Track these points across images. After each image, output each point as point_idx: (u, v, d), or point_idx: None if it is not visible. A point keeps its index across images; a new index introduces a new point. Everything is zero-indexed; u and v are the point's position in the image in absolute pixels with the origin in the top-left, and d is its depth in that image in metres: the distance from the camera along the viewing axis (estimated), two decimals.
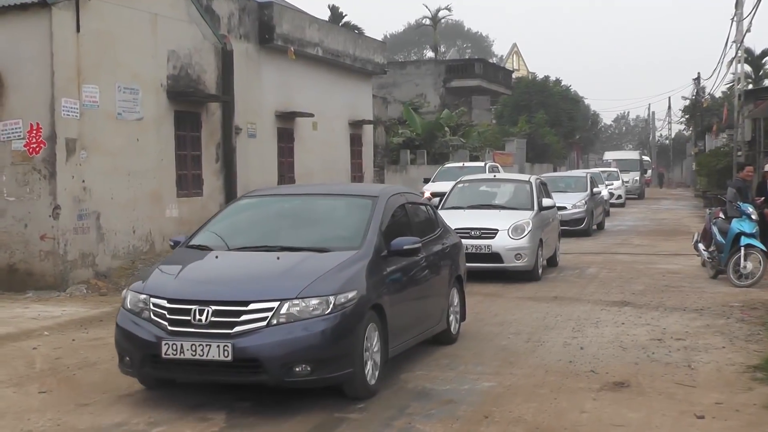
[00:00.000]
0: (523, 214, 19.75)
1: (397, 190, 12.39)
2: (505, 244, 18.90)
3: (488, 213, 20.05)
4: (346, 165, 32.81)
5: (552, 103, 75.55)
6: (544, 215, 20.54)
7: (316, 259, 9.86)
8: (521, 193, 21.08)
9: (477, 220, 19.50)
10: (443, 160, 42.68)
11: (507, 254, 18.86)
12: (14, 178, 17.82)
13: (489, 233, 19.05)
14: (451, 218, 18.53)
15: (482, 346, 12.46)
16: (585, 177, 34.46)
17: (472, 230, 18.99)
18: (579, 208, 30.86)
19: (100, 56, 18.77)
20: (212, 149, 23.03)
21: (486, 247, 18.90)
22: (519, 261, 18.90)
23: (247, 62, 25.35)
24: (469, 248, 18.10)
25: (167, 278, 9.72)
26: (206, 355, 8.77)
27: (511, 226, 19.09)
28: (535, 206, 20.28)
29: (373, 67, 34.75)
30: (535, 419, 8.85)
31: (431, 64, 65.69)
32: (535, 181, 21.58)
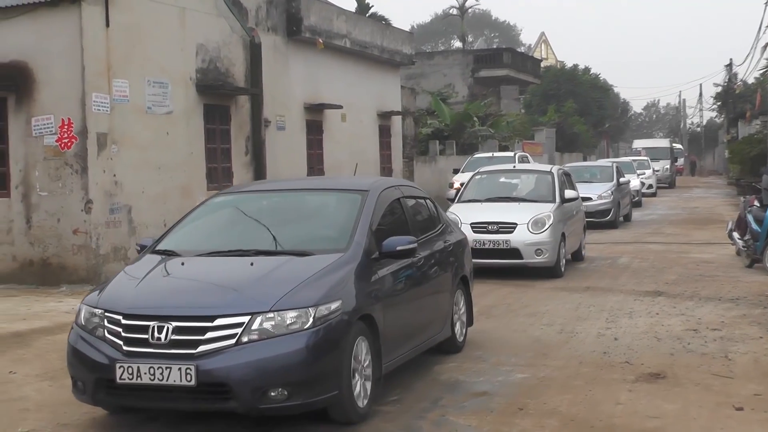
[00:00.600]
0: (544, 206, 18.79)
1: (391, 182, 11.06)
2: (525, 239, 18.00)
3: (507, 206, 19.21)
4: (375, 156, 32.77)
5: (581, 91, 75.27)
6: (567, 207, 19.56)
7: (295, 264, 8.65)
8: (542, 185, 20.08)
9: (495, 213, 18.69)
10: (472, 151, 42.60)
11: (526, 250, 17.96)
12: (47, 173, 17.91)
13: (507, 227, 18.17)
14: (467, 212, 18.76)
15: (515, 338, 12.41)
16: (611, 167, 33.16)
17: (489, 224, 18.25)
18: (605, 199, 29.76)
19: (130, 51, 18.82)
20: (241, 142, 23.06)
21: (504, 243, 18.05)
22: (539, 257, 17.96)
23: (275, 55, 25.35)
24: (486, 243, 17.95)
25: (125, 289, 8.50)
26: (166, 380, 7.59)
27: (530, 220, 18.18)
28: (557, 198, 19.28)
29: (401, 57, 34.66)
30: (570, 411, 8.80)
31: (459, 54, 65.53)
32: (558, 172, 20.56)
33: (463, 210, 18.91)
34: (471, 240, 16.38)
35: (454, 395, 9.48)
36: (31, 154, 18.06)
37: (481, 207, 19.20)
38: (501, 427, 8.30)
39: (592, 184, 30.24)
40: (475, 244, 17.13)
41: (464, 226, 17.55)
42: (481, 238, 17.97)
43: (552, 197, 19.33)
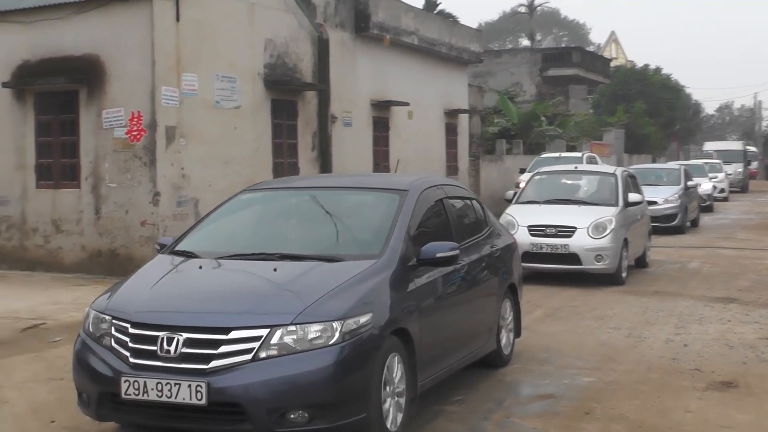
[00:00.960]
0: (606, 210, 17.99)
1: (433, 181, 10.05)
2: (584, 244, 17.28)
3: (567, 209, 18.34)
4: (441, 154, 32.68)
5: (651, 92, 74.47)
6: (630, 212, 18.72)
7: (322, 271, 7.87)
8: (605, 187, 19.17)
9: (554, 216, 17.95)
10: (539, 150, 42.31)
11: (586, 255, 17.25)
12: (116, 165, 18.07)
13: (566, 231, 17.47)
14: (525, 214, 18.21)
15: (582, 341, 12.28)
16: (679, 169, 31.90)
17: (547, 227, 17.61)
18: (671, 203, 28.80)
19: (199, 45, 18.92)
20: (308, 138, 23.09)
21: (562, 247, 17.38)
22: (599, 263, 17.24)
23: (342, 51, 25.34)
24: (544, 247, 17.43)
25: (136, 294, 7.82)
26: (175, 397, 6.91)
27: (591, 224, 17.43)
28: (620, 201, 18.39)
29: (468, 55, 34.51)
30: (638, 417, 8.68)
31: (527, 52, 65.25)
32: (622, 174, 19.55)
33: (521, 212, 18.44)
34: (528, 243, 17.19)
35: (520, 397, 9.43)
36: (101, 146, 18.24)
37: (540, 209, 18.46)
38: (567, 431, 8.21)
39: (659, 188, 29.36)
40: (531, 247, 17.29)
41: (521, 228, 17.51)
42: (538, 242, 17.51)
43: (614, 200, 18.50)
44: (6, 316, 13.67)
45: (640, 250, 19.86)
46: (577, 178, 20.35)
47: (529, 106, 49.20)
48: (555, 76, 60.85)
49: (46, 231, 18.93)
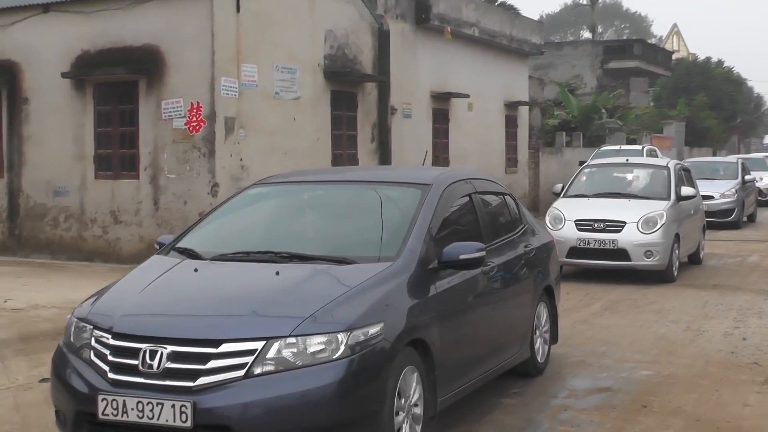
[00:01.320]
0: (657, 204, 17.31)
1: (461, 175, 9.23)
2: (634, 239, 16.64)
3: (616, 203, 17.74)
4: (501, 147, 32.57)
5: (713, 85, 73.77)
6: (683, 206, 17.98)
7: (330, 274, 7.04)
8: (657, 180, 18.47)
9: (602, 210, 17.37)
10: (599, 143, 42.11)
11: (635, 251, 16.61)
12: (175, 155, 18.16)
13: (615, 226, 16.85)
14: (573, 208, 17.71)
15: (640, 334, 12.20)
16: (736, 163, 30.92)
17: (595, 222, 17.03)
18: (728, 197, 28.01)
19: (259, 36, 18.98)
20: (368, 129, 23.11)
21: (611, 242, 16.76)
22: (649, 259, 16.58)
23: (403, 42, 25.32)
24: (591, 243, 16.89)
25: (122, 300, 6.99)
26: (157, 418, 6.08)
27: (641, 219, 16.80)
28: (672, 195, 17.74)
29: (529, 47, 34.37)
30: (696, 411, 8.59)
31: (588, 45, 64.86)
32: (675, 167, 18.80)
33: (568, 206, 17.91)
34: (575, 238, 17.04)
35: (577, 390, 9.35)
36: (160, 137, 18.35)
37: (588, 203, 17.91)
38: (624, 425, 8.13)
39: (715, 182, 28.67)
40: (579, 242, 16.98)
41: (568, 223, 17.22)
42: (585, 237, 16.99)
43: (666, 194, 17.86)
44: (64, 306, 13.70)
45: (694, 247, 19.21)
46: (628, 171, 19.64)
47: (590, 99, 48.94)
48: (616, 69, 60.43)
49: (104, 221, 19.08)
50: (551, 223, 17.32)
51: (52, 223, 19.67)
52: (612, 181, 19.16)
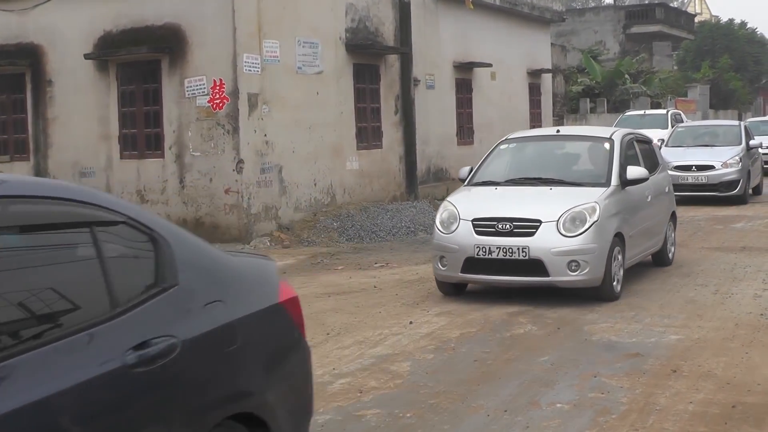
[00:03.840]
0: (590, 193, 12.41)
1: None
2: (552, 245, 11.73)
3: (534, 193, 12.75)
4: (525, 115, 32.48)
5: (737, 47, 73.16)
6: (631, 194, 13.08)
7: None
8: (593, 160, 13.70)
9: (512, 204, 12.39)
10: (624, 109, 41.94)
11: (554, 262, 11.67)
12: (199, 133, 18.21)
13: (527, 226, 11.88)
14: (473, 202, 12.78)
15: (668, 298, 12.18)
16: (738, 126, 26.76)
17: (499, 222, 11.96)
18: (731, 167, 23.97)
19: (280, 11, 18.97)
20: (391, 101, 23.08)
21: (521, 250, 11.74)
22: (575, 273, 11.65)
23: (424, 13, 25.25)
24: (494, 251, 11.83)
25: None
26: None
27: (563, 215, 11.91)
28: (612, 179, 12.77)
29: (551, 14, 34.22)
30: (726, 374, 8.58)
31: (610, 10, 64.57)
32: (622, 139, 13.61)
33: (468, 199, 12.97)
34: (472, 246, 12.03)
35: (606, 356, 9.35)
36: (184, 115, 18.39)
37: (496, 194, 12.88)
38: (654, 390, 8.14)
39: (715, 149, 25.01)
40: (477, 251, 11.96)
41: (463, 223, 12.20)
42: (486, 243, 11.96)
43: (605, 178, 12.86)
44: None
45: (656, 245, 14.45)
46: (558, 148, 14.46)
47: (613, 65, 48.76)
48: (639, 33, 60.17)
49: (131, 201, 19.05)
50: (442, 224, 12.42)
51: None
52: (533, 162, 14.06)
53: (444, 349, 9.75)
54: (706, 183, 23.75)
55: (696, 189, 23.85)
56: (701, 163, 23.82)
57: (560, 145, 14.50)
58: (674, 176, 21.53)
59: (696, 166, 24.05)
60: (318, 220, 19.12)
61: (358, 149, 21.42)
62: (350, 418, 7.59)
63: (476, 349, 9.67)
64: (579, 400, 7.93)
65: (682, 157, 24.47)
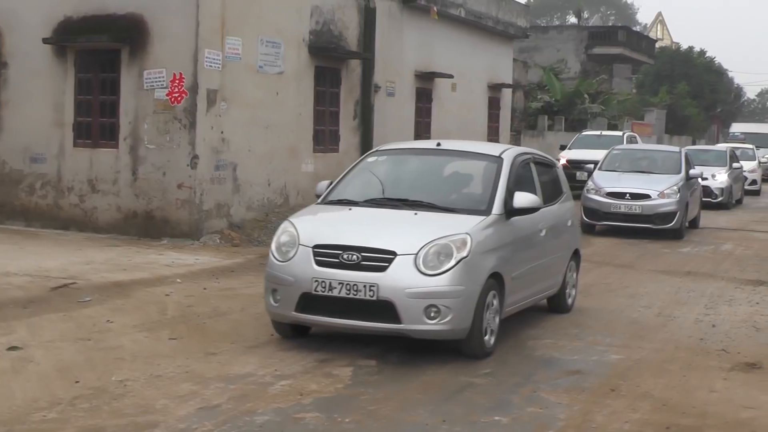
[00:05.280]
0: (463, 222, 10.08)
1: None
2: (406, 284, 9.39)
3: (394, 218, 10.37)
4: (483, 128, 32.60)
5: (695, 74, 74.06)
6: (519, 225, 10.85)
7: None
8: (473, 182, 11.44)
9: (364, 230, 10.02)
10: (581, 128, 42.21)
11: (409, 305, 9.33)
12: (155, 126, 18.09)
13: (377, 259, 9.53)
14: (318, 224, 10.52)
15: (612, 318, 12.31)
16: (678, 153, 24.56)
17: (345, 251, 9.61)
18: (669, 197, 21.82)
19: (245, 9, 18.93)
20: (350, 106, 23.10)
21: (367, 289, 9.42)
22: (434, 320, 9.37)
23: (389, 20, 25.30)
24: (336, 287, 9.49)
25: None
26: None
27: (425, 247, 9.55)
28: (494, 206, 10.47)
29: (514, 30, 34.39)
30: (663, 395, 8.69)
31: (574, 29, 64.99)
32: (514, 160, 11.33)
33: (314, 220, 10.77)
34: (309, 279, 9.63)
35: (548, 372, 9.44)
36: (141, 107, 18.25)
37: (349, 217, 10.59)
38: (592, 407, 8.23)
39: (652, 176, 22.97)
40: (316, 286, 9.58)
41: (303, 250, 9.83)
42: (327, 277, 9.59)
43: (486, 205, 10.53)
44: (37, 274, 13.63)
45: (550, 289, 12.28)
46: (436, 165, 11.82)
47: (573, 83, 49.06)
48: (600, 54, 60.58)
49: (81, 190, 18.95)
50: (278, 249, 10.08)
51: (28, 189, 19.49)
52: (402, 180, 11.75)
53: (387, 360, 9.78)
54: (640, 213, 21.74)
55: (628, 219, 21.86)
56: (636, 191, 21.88)
57: (439, 162, 11.82)
58: (605, 203, 21.86)
59: (630, 194, 21.90)
60: (270, 220, 19.07)
61: (314, 152, 21.41)
62: (289, 421, 7.60)
63: (417, 358, 9.70)
64: (517, 414, 7.98)
65: (616, 182, 22.46)
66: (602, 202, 22.02)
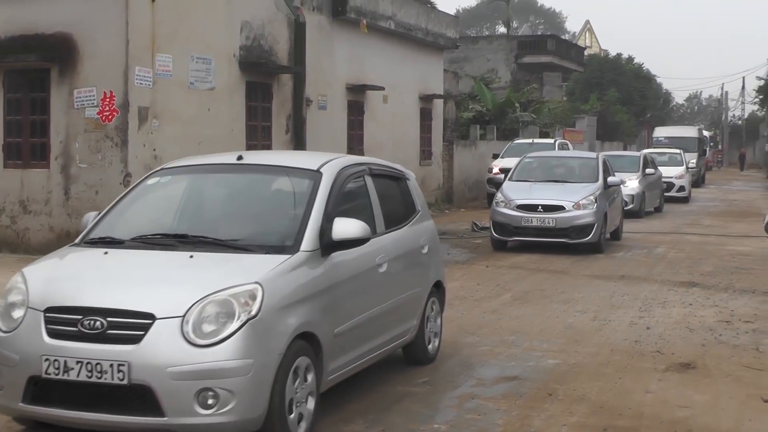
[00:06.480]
0: (255, 265, 7.34)
1: None
2: (168, 361, 6.71)
3: (161, 262, 7.65)
4: (416, 139, 32.75)
5: (624, 81, 74.86)
6: (344, 263, 8.11)
7: None
8: (283, 206, 8.56)
9: (115, 283, 7.29)
10: (513, 136, 42.45)
11: (172, 391, 6.66)
12: (87, 145, 18.01)
13: (127, 326, 6.86)
14: (62, 274, 7.58)
15: (548, 323, 12.40)
16: (595, 160, 22.53)
17: (86, 317, 6.89)
18: (585, 208, 19.98)
19: (175, 25, 18.89)
20: (282, 120, 23.12)
21: (114, 369, 6.73)
22: (210, 410, 6.73)
23: (319, 34, 25.36)
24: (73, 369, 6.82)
25: None
26: None
27: (195, 307, 6.86)
28: (304, 242, 7.72)
29: (444, 41, 34.61)
30: (599, 398, 8.81)
31: (503, 39, 65.31)
32: (338, 175, 8.60)
33: (56, 270, 7.77)
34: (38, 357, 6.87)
35: (485, 379, 9.51)
36: (72, 126, 18.16)
37: (102, 263, 7.74)
38: (529, 412, 8.32)
39: (566, 186, 21.19)
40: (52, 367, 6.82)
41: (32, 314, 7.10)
42: (62, 353, 6.88)
43: (293, 239, 7.77)
44: None
45: (402, 337, 9.55)
46: (234, 185, 8.91)
47: (504, 93, 49.31)
48: (530, 63, 60.95)
49: (13, 211, 18.80)
50: (2, 316, 7.32)
51: None
52: (186, 208, 8.77)
53: None
54: (553, 227, 19.89)
55: (542, 234, 20.06)
56: (549, 203, 20.06)
57: (238, 181, 8.89)
58: (515, 217, 20.00)
59: (543, 206, 20.08)
60: None
61: None
62: None
63: None
64: (456, 421, 8.05)
65: (527, 194, 20.64)
66: (512, 216, 20.07)
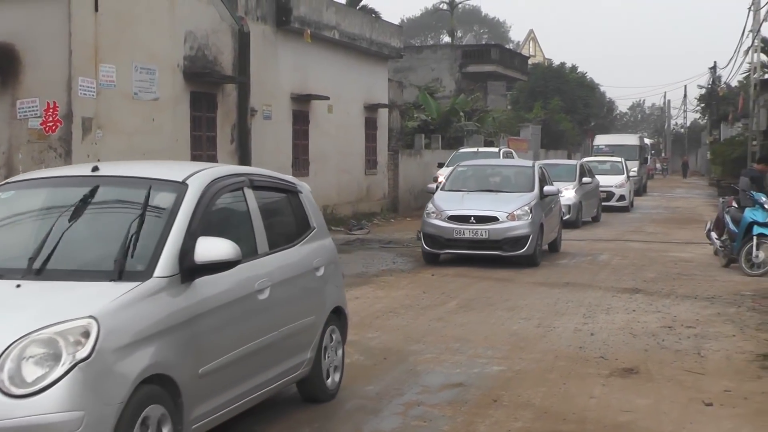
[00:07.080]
0: (93, 296, 6.06)
1: None
2: None
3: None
4: (361, 148, 32.84)
5: (568, 89, 75.39)
6: (208, 291, 6.86)
7: None
8: (127, 228, 6.67)
9: None
10: (458, 145, 42.65)
11: None
12: (30, 155, 17.90)
13: None
14: None
15: (493, 331, 12.48)
16: (531, 168, 21.69)
17: None
18: (520, 219, 19.23)
19: (118, 36, 18.84)
20: (227, 130, 23.10)
21: None
22: None
23: (263, 44, 25.38)
24: None
25: None
26: None
27: (13, 349, 5.54)
28: (158, 268, 6.47)
29: (389, 51, 34.73)
30: (544, 404, 8.90)
31: (447, 48, 65.55)
32: (206, 188, 7.33)
33: None
34: None
35: (431, 386, 9.56)
36: (15, 137, 18.05)
37: None
38: (475, 418, 8.39)
39: (500, 196, 20.35)
40: None
41: None
42: None
43: (145, 265, 6.51)
44: None
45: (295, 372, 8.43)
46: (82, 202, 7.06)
47: (449, 102, 49.51)
48: (474, 73, 61.22)
49: None
50: None
51: None
52: (24, 230, 7.42)
53: None
54: (486, 239, 19.07)
55: (474, 246, 19.29)
56: (482, 214, 19.28)
57: (89, 196, 7.15)
58: (447, 229, 19.24)
59: (475, 217, 19.26)
60: None
61: None
62: None
63: None
64: (402, 428, 8.11)
65: (459, 204, 19.85)
66: (444, 228, 19.28)
